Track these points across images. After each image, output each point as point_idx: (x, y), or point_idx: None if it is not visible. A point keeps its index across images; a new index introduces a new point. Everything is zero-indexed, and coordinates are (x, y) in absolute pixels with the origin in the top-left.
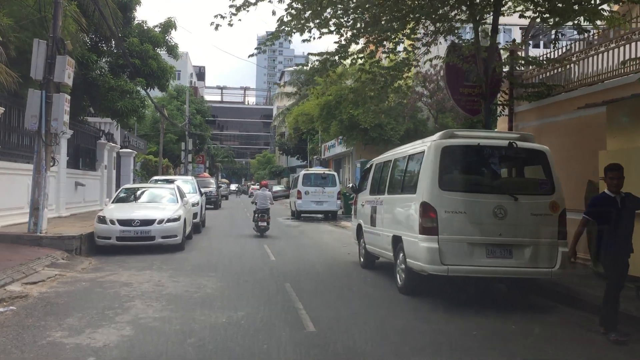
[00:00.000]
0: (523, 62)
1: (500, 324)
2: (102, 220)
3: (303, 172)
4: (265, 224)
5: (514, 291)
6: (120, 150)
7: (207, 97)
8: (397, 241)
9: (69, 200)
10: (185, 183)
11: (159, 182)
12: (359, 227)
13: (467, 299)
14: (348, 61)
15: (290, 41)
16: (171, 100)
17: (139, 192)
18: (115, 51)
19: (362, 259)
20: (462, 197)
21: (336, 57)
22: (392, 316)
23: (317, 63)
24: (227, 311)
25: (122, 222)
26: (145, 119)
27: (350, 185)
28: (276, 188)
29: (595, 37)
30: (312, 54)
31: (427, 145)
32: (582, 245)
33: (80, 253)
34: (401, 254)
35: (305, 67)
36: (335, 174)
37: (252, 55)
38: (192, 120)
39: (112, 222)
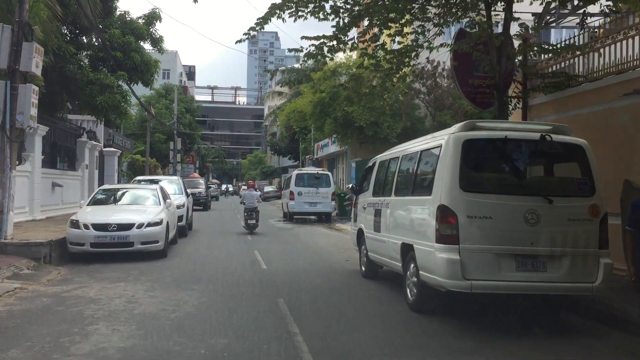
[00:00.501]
0: (537, 49)
1: (537, 353)
2: (75, 224)
3: (296, 171)
4: (254, 221)
5: (544, 308)
6: (104, 149)
7: (198, 97)
8: (407, 250)
9: (44, 202)
10: (170, 183)
11: (142, 183)
12: (360, 232)
13: (491, 319)
14: (347, 47)
15: (284, 20)
16: (159, 99)
17: (118, 194)
18: (96, 44)
19: (363, 268)
20: (487, 199)
21: (334, 42)
22: (409, 345)
23: (312, 48)
24: (208, 338)
25: (97, 227)
26: (128, 116)
27: (350, 185)
28: (267, 189)
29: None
30: (306, 37)
31: (444, 139)
32: (617, 254)
33: (50, 261)
34: (412, 265)
35: (299, 53)
36: (330, 173)
37: (239, 41)
38: (181, 119)
39: (86, 226)
